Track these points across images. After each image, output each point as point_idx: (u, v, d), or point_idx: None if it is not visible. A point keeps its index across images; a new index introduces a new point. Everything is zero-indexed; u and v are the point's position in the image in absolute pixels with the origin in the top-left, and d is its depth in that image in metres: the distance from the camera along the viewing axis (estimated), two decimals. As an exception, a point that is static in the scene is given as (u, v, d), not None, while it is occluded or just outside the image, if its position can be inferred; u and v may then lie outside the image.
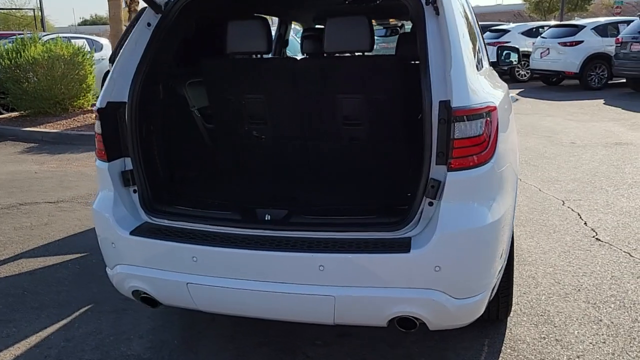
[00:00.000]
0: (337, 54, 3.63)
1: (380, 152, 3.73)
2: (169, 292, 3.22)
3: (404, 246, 2.81)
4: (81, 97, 13.24)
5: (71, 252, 5.57)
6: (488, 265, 2.92)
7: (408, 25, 7.01)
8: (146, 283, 3.24)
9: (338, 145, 3.87)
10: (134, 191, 3.35)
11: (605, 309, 4.18)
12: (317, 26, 6.53)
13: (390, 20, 6.44)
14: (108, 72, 3.56)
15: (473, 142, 2.78)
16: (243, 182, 3.82)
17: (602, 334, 3.84)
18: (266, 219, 3.14)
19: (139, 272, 3.25)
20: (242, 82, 3.83)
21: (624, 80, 17.45)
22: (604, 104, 14.85)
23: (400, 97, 3.59)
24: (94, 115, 3.41)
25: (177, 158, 3.87)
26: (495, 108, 2.89)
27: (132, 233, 3.23)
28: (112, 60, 5.86)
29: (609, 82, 17.97)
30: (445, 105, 2.73)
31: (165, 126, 3.63)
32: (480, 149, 2.81)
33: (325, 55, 3.75)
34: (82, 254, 5.54)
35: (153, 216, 3.30)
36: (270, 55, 4.30)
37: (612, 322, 3.97)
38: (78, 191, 7.76)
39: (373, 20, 6.39)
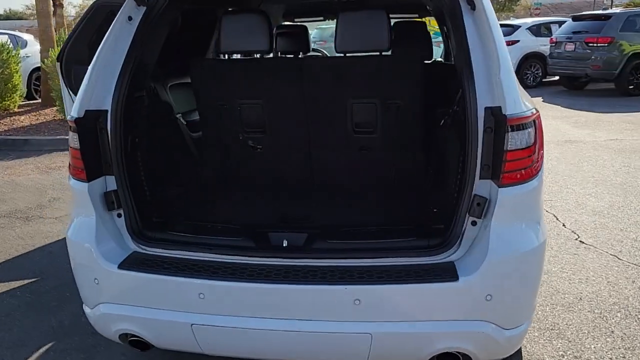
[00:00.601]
0: (350, 54, 3.25)
1: (395, 163, 3.39)
2: (168, 334, 2.73)
3: (450, 273, 2.48)
4: (7, 99, 12.07)
5: (18, 278, 4.87)
6: (535, 290, 2.66)
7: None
8: (139, 325, 2.73)
9: (347, 156, 3.49)
10: (119, 215, 2.83)
11: (613, 318, 4.06)
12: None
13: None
14: (37, 69, 2.99)
15: (525, 154, 2.49)
16: (243, 200, 3.36)
17: (619, 347, 3.70)
18: (284, 245, 2.71)
19: (130, 313, 2.74)
20: (238, 85, 3.37)
21: (557, 78, 18.08)
22: (542, 101, 15.28)
23: (422, 102, 3.26)
24: (68, 126, 2.84)
25: (166, 174, 3.36)
26: (539, 115, 2.61)
27: (120, 266, 2.71)
28: (60, 58, 5.17)
29: (543, 80, 18.60)
30: (493, 112, 2.42)
31: (151, 137, 3.12)
32: (531, 162, 2.53)
33: (338, 54, 3.37)
34: (32, 280, 4.85)
35: (143, 245, 2.79)
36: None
37: (625, 334, 3.84)
38: (15, 204, 6.93)
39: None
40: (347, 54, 3.24)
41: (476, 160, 2.49)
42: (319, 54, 8.21)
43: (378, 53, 3.19)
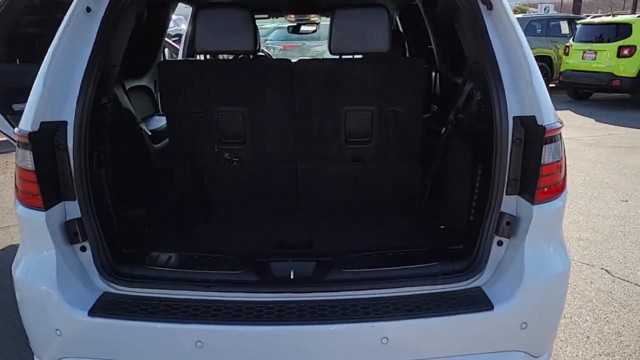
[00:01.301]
0: (346, 56, 2.92)
1: (390, 175, 3.11)
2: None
3: (483, 302, 2.25)
4: None
5: None
6: (560, 314, 2.50)
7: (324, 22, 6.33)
8: (115, 384, 2.24)
9: (338, 169, 3.16)
10: (83, 249, 2.32)
11: (584, 323, 4.04)
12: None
13: (311, 15, 5.71)
14: None
15: (556, 168, 2.32)
16: (226, 223, 2.92)
17: (599, 355, 3.66)
18: (291, 277, 2.34)
19: (104, 369, 2.24)
20: (217, 90, 2.92)
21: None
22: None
23: (422, 108, 3.01)
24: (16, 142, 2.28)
25: (135, 195, 2.85)
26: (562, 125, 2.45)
27: (92, 313, 2.21)
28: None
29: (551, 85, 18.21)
30: (523, 122, 2.22)
31: (116, 152, 2.61)
32: (560, 177, 2.36)
33: (332, 56, 3.01)
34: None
35: (117, 283, 2.31)
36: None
37: (600, 339, 3.82)
38: None
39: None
40: (343, 56, 2.92)
41: (505, 174, 2.27)
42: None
43: (376, 54, 2.89)
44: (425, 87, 2.96)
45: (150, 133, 3.07)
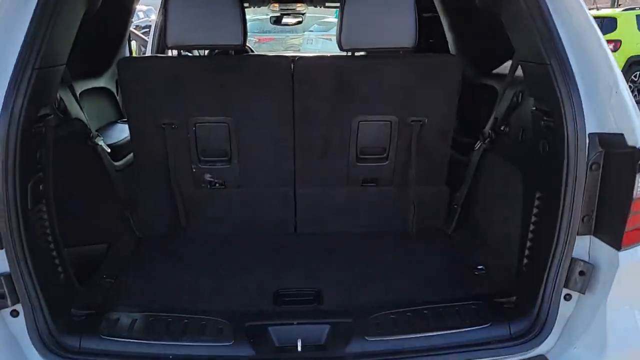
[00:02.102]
0: (359, 53, 2.31)
1: (411, 200, 2.51)
2: None
3: None
4: None
5: None
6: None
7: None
8: None
9: (346, 193, 2.55)
10: (14, 314, 1.70)
11: None
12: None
13: (298, 5, 5.05)
14: None
15: (646, 202, 1.75)
16: (207, 267, 2.28)
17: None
18: (298, 348, 1.74)
19: None
20: (195, 95, 2.28)
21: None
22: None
23: (453, 118, 2.42)
24: None
25: (87, 234, 2.22)
26: None
27: None
28: None
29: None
30: (604, 141, 1.68)
31: (62, 179, 1.98)
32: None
33: (343, 53, 2.38)
34: None
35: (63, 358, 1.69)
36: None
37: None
38: None
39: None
40: (356, 53, 2.31)
41: (578, 209, 1.72)
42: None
43: (399, 51, 2.29)
44: (460, 89, 2.36)
45: (109, 150, 2.41)
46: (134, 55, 3.86)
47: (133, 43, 4.68)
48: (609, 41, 12.70)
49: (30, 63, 1.63)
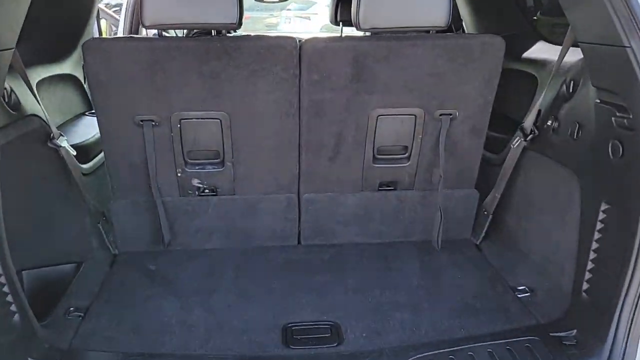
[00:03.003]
0: (379, 32, 1.90)
1: (436, 206, 2.14)
2: None
3: None
4: None
5: None
6: None
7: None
8: None
9: (360, 199, 2.16)
10: None
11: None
12: None
13: None
14: None
15: None
16: (196, 295, 1.88)
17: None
18: None
19: None
20: (180, 86, 1.86)
21: None
22: None
23: (489, 110, 2.03)
24: None
25: (50, 251, 1.81)
26: None
27: None
28: None
29: None
30: None
31: (14, 189, 1.56)
32: None
33: (361, 33, 1.97)
34: None
35: None
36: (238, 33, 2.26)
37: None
38: None
39: None
40: (375, 33, 1.90)
41: None
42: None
43: (428, 31, 1.89)
44: (500, 77, 1.98)
45: (75, 152, 1.98)
46: (103, 36, 3.38)
47: (103, 22, 4.17)
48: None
49: None
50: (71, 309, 1.79)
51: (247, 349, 1.62)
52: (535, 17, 2.61)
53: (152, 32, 1.98)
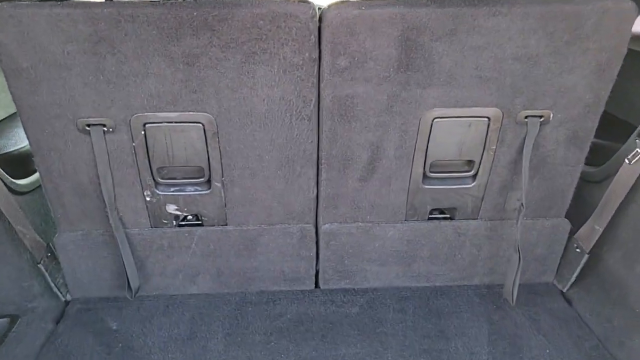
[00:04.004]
0: None
1: (511, 241, 1.53)
2: None
3: None
4: None
5: None
6: None
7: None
8: None
9: (403, 231, 1.54)
10: None
11: None
12: None
13: None
14: None
15: None
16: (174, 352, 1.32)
17: None
18: None
19: None
20: (140, 74, 1.25)
21: None
22: None
23: (598, 112, 1.38)
24: None
25: None
26: None
27: None
28: None
29: None
30: None
31: None
32: None
33: None
34: None
35: None
36: None
37: None
38: None
39: None
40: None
41: None
42: None
43: None
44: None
45: (3, 169, 1.40)
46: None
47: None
48: None
49: None
50: None
51: None
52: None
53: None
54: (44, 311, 1.54)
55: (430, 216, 1.55)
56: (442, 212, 1.57)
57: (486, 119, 1.37)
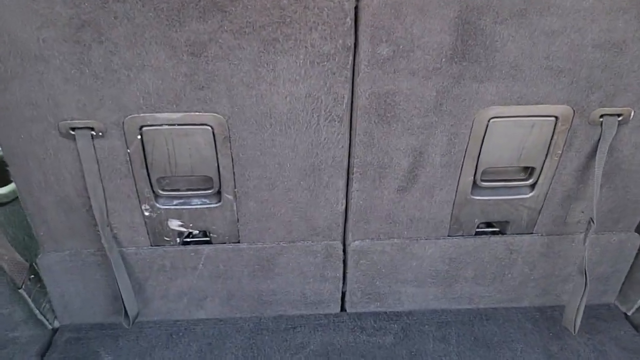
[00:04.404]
0: None
1: (568, 260, 1.30)
2: None
3: None
4: None
5: None
6: None
7: None
8: None
9: (442, 247, 1.32)
10: None
11: None
12: None
13: None
14: None
15: None
16: None
17: None
18: None
19: None
20: (135, 68, 1.02)
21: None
22: None
23: None
24: None
25: None
26: None
27: None
28: None
29: None
30: None
31: None
32: None
33: None
34: None
35: None
36: None
37: None
38: None
39: None
40: None
41: None
42: None
43: None
44: None
45: None
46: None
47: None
48: None
49: None
50: None
51: None
52: None
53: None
54: (28, 342, 1.32)
55: (477, 230, 1.33)
56: (490, 226, 1.34)
57: (553, 119, 1.13)
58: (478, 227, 1.33)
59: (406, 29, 1.00)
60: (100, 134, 1.09)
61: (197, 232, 1.30)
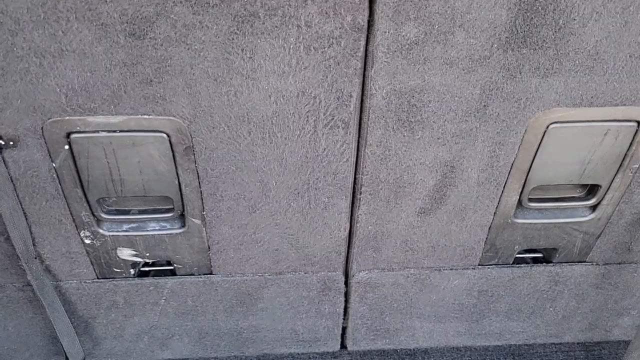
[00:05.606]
0: None
1: (628, 290, 1.05)
2: None
3: None
4: None
5: None
6: None
7: None
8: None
9: (470, 278, 1.05)
10: None
11: None
12: None
13: None
14: None
15: None
16: None
17: None
18: None
19: None
20: (48, 56, 0.72)
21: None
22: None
23: None
24: None
25: None
26: None
27: None
28: None
29: None
30: None
31: None
32: None
33: None
34: None
35: None
36: None
37: None
38: None
39: None
40: None
41: None
42: None
43: None
44: None
45: None
46: None
47: None
48: None
49: None
50: None
51: None
52: None
53: None
54: None
55: (517, 258, 1.05)
56: (536, 253, 1.06)
57: (634, 125, 0.84)
58: (519, 254, 1.05)
59: (444, 1, 0.68)
60: (11, 143, 0.79)
61: (154, 262, 1.01)
